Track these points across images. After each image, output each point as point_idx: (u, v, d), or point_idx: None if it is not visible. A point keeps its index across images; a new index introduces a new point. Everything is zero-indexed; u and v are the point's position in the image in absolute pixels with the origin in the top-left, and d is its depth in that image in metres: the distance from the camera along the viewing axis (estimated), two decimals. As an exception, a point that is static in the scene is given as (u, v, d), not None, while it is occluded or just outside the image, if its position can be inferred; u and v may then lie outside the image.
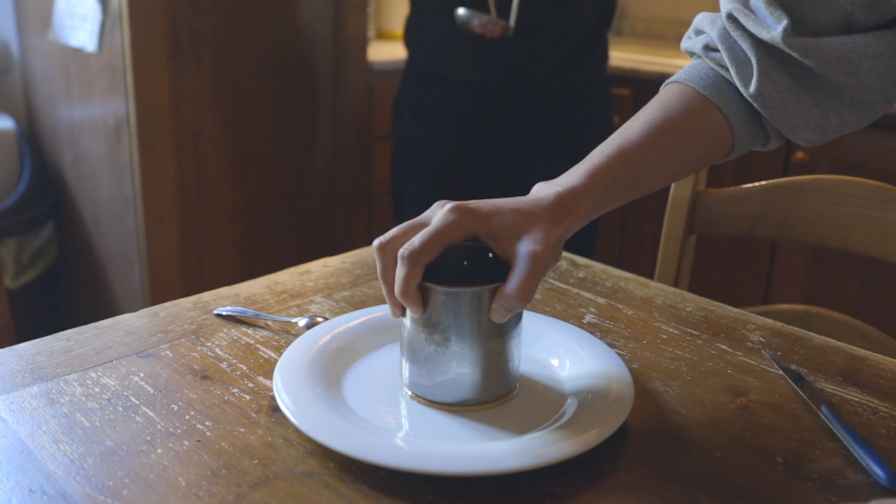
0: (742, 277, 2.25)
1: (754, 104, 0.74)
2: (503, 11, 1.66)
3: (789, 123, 0.75)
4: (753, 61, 0.73)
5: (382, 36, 2.85)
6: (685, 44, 0.81)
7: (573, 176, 0.69)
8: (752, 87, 0.73)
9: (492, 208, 0.65)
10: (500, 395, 0.67)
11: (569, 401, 0.67)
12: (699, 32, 0.80)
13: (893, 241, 1.01)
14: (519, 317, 0.67)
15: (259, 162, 2.16)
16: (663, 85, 0.80)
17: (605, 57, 1.83)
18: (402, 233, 0.64)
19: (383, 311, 0.80)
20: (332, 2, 2.18)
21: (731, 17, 0.74)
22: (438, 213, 0.64)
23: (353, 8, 2.22)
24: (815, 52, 0.71)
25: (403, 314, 0.66)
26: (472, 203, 0.65)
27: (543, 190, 0.68)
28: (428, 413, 0.66)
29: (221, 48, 2.01)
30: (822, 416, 0.67)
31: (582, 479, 0.59)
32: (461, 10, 1.65)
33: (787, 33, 0.70)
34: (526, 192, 0.70)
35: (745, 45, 0.74)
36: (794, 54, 0.71)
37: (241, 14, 2.03)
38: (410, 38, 1.84)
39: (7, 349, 0.75)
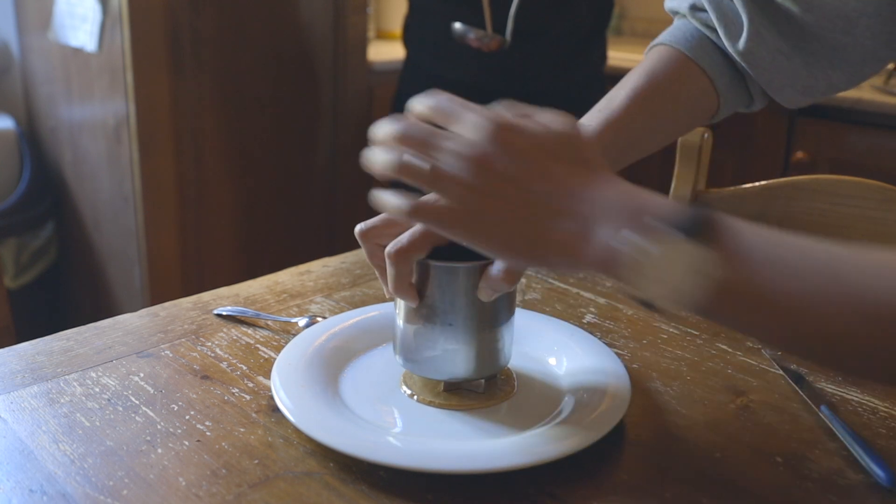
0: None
1: (742, 63, 0.74)
2: (499, 23, 1.65)
3: (778, 84, 0.76)
4: (745, 19, 0.73)
5: (382, 36, 2.85)
6: (669, 3, 0.81)
7: None
8: (742, 45, 0.73)
9: None
10: (487, 374, 0.67)
11: (566, 399, 0.67)
12: None
13: (893, 241, 1.01)
14: (511, 297, 0.67)
15: (259, 162, 2.16)
16: (648, 48, 0.80)
17: (602, 57, 1.82)
18: (382, 224, 0.65)
19: (378, 309, 0.80)
20: (332, 2, 2.18)
21: None
22: None
23: (353, 8, 2.22)
24: (818, 8, 0.72)
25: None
26: None
27: None
28: (427, 411, 0.66)
29: (221, 48, 2.01)
30: (822, 416, 0.67)
31: (582, 479, 0.59)
32: (457, 25, 1.64)
33: None
34: None
35: (738, 3, 0.74)
36: (794, 8, 0.72)
37: (241, 14, 2.03)
38: (408, 37, 1.83)
39: (7, 349, 0.75)
